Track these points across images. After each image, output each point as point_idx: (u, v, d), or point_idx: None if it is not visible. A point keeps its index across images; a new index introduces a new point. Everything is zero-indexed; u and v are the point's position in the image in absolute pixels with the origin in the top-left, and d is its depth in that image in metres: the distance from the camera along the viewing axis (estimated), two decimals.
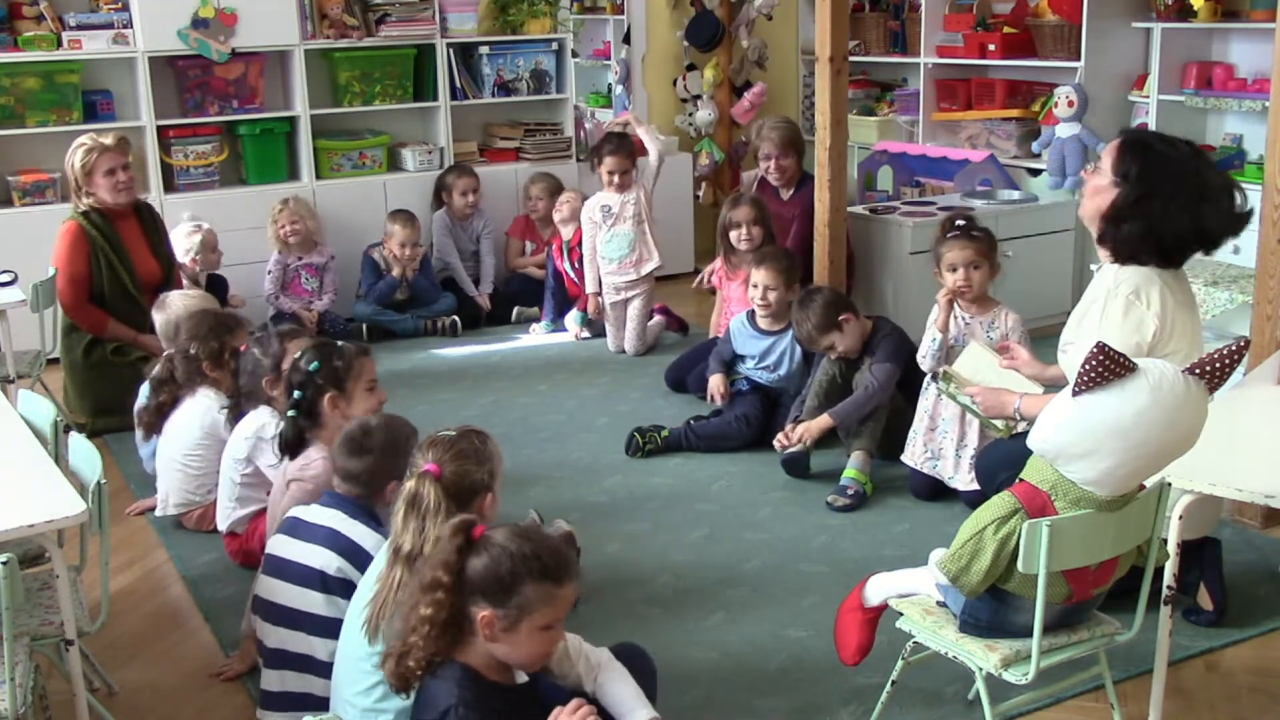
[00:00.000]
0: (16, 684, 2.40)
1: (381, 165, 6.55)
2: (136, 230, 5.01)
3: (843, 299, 4.41)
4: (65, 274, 4.82)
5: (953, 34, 6.93)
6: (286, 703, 2.79)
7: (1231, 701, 2.91)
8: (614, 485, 4.28)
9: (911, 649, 2.66)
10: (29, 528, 2.45)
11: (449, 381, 5.48)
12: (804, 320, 4.30)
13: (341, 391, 3.28)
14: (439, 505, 2.39)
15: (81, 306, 4.85)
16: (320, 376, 3.26)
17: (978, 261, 3.91)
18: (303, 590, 2.76)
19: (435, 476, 2.44)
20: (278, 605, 2.81)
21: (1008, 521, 2.35)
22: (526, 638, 2.14)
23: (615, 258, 5.77)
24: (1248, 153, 5.81)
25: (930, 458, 4.00)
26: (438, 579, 2.14)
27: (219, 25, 5.94)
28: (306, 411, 3.27)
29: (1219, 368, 2.27)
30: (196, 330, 3.98)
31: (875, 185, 6.89)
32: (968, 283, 3.91)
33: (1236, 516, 3.79)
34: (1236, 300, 4.37)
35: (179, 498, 3.93)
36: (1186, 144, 3.15)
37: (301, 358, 3.32)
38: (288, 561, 2.82)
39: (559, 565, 2.15)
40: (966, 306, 3.97)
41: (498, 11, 6.72)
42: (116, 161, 4.87)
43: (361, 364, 3.33)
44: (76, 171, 4.84)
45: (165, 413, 4.01)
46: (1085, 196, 3.22)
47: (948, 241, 3.94)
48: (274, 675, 2.82)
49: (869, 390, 4.17)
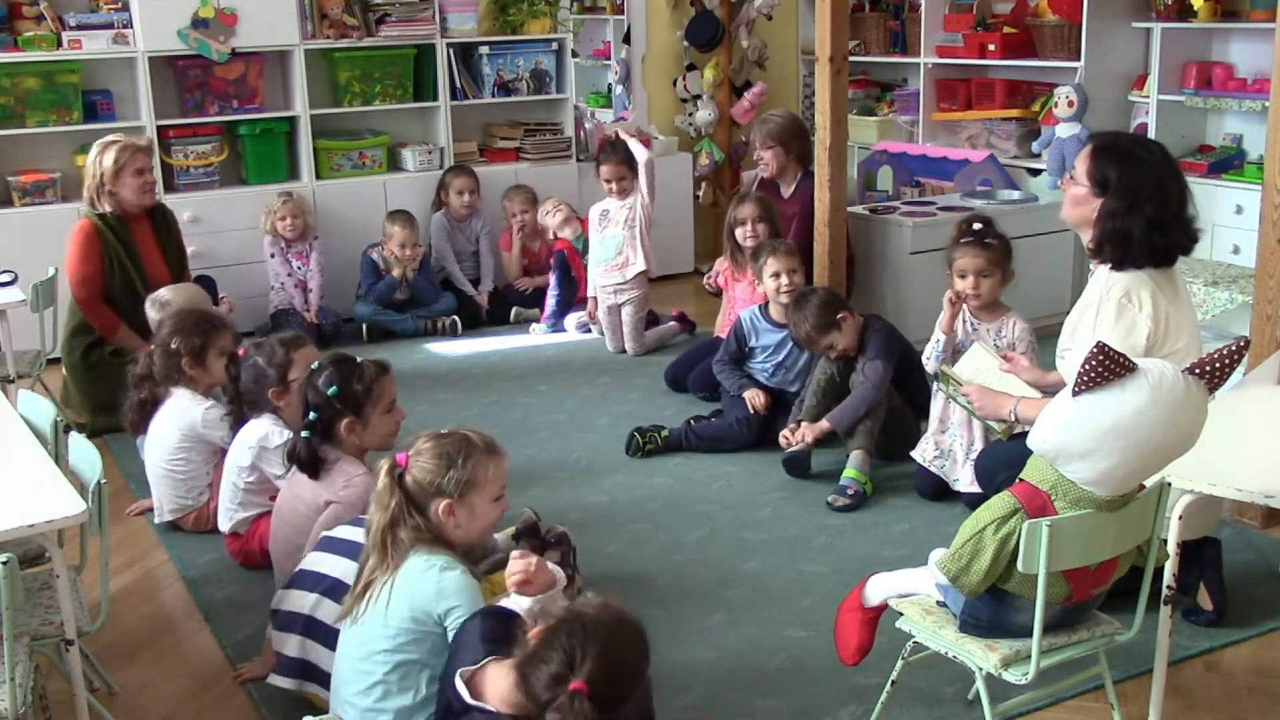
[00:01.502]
0: (16, 684, 2.40)
1: (381, 165, 6.55)
2: (149, 233, 5.00)
3: (838, 297, 4.41)
4: (79, 274, 4.81)
5: (953, 34, 6.94)
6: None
7: (1231, 701, 2.91)
8: (614, 485, 4.28)
9: (911, 649, 2.65)
10: (29, 528, 2.45)
11: (449, 381, 5.48)
12: (801, 322, 4.29)
13: (359, 416, 3.18)
14: (385, 489, 2.52)
15: (97, 307, 4.82)
16: (339, 401, 3.15)
17: (988, 270, 3.85)
18: (337, 607, 2.75)
19: (397, 466, 2.52)
20: (317, 621, 2.81)
21: (1008, 521, 2.35)
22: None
23: (602, 260, 5.81)
24: (1248, 153, 5.81)
25: (939, 457, 3.99)
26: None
27: (219, 25, 5.94)
28: (322, 433, 3.18)
29: (1219, 368, 2.27)
30: (180, 325, 3.94)
31: (875, 185, 6.89)
32: (976, 291, 3.86)
33: (1236, 516, 3.79)
34: (1236, 300, 4.37)
35: (171, 504, 3.93)
36: (1156, 144, 3.20)
37: (320, 377, 3.18)
38: (324, 576, 2.83)
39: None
40: (975, 311, 3.93)
41: (498, 11, 6.72)
42: (145, 163, 4.89)
43: (382, 386, 3.21)
44: (105, 169, 4.81)
45: (148, 410, 3.98)
46: (1066, 204, 3.25)
47: (960, 246, 3.88)
48: (289, 683, 2.85)
49: (863, 390, 4.17)
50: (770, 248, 4.70)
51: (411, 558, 2.47)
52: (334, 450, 3.20)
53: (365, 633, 2.48)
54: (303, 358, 3.59)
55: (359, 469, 3.18)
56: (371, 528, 2.53)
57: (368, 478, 3.12)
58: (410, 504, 2.50)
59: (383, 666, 2.45)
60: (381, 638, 2.46)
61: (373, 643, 2.47)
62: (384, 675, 2.46)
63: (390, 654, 2.45)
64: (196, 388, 3.91)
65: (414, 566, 2.47)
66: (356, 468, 3.18)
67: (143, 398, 4.01)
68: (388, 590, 2.46)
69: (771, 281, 4.61)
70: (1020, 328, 3.90)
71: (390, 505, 2.50)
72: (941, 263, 3.88)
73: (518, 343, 6.06)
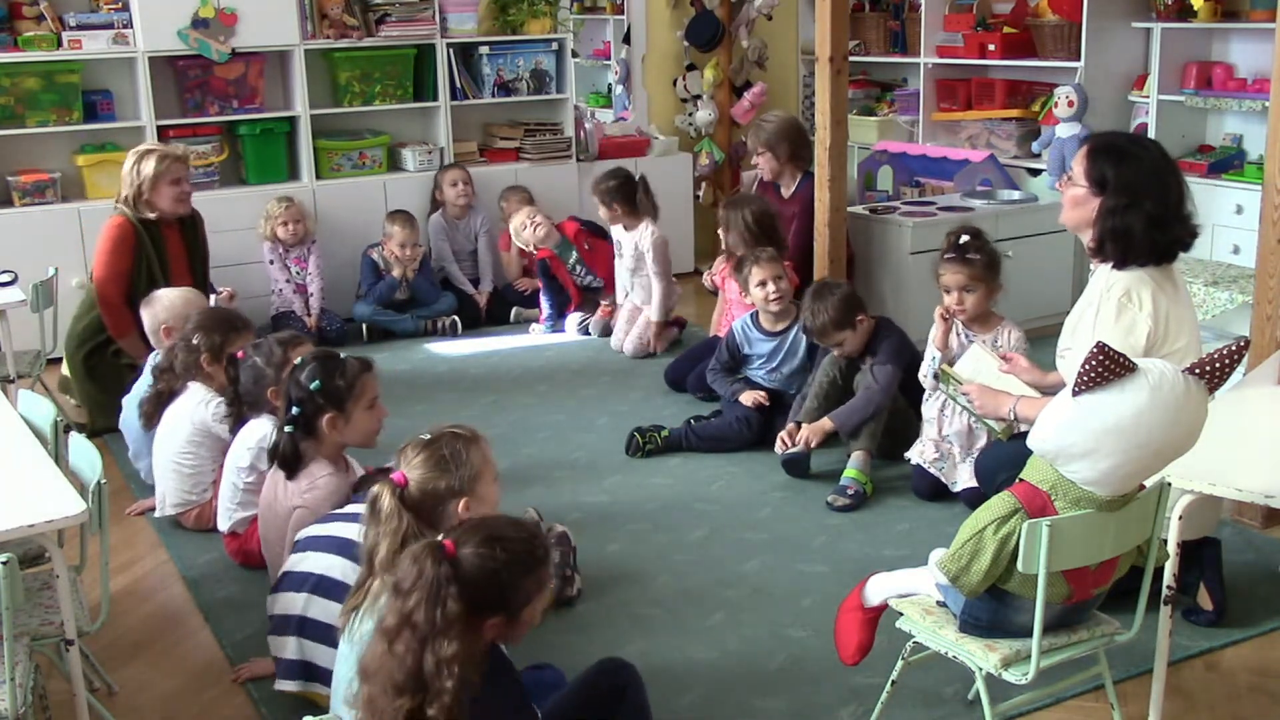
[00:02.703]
0: (16, 684, 2.40)
1: (381, 165, 6.55)
2: (178, 240, 5.00)
3: (858, 299, 4.36)
4: (110, 269, 4.78)
5: (953, 34, 6.94)
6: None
7: (1231, 701, 2.91)
8: (614, 485, 4.28)
9: (911, 649, 2.65)
10: (29, 528, 2.45)
11: (449, 381, 5.48)
12: (820, 312, 4.25)
13: (341, 411, 3.17)
14: (392, 513, 2.42)
15: (118, 306, 4.78)
16: (321, 395, 3.15)
17: (971, 285, 3.85)
18: (327, 603, 2.76)
19: (398, 485, 2.46)
20: (310, 620, 2.81)
21: (1007, 521, 2.35)
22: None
23: (623, 284, 5.95)
24: (1248, 153, 5.81)
25: (938, 458, 3.99)
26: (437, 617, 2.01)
27: (219, 25, 5.94)
28: (304, 427, 3.18)
29: (1219, 368, 2.27)
30: (204, 321, 3.98)
31: (875, 185, 6.89)
32: (962, 307, 3.87)
33: (1236, 516, 3.79)
34: (1236, 300, 4.37)
35: (176, 498, 3.93)
36: (1152, 142, 3.19)
37: (303, 372, 3.19)
38: (308, 575, 2.83)
39: (532, 552, 2.12)
40: (968, 323, 3.93)
41: (498, 11, 6.72)
42: (183, 173, 4.90)
43: (364, 382, 3.20)
44: (144, 178, 4.80)
45: (164, 402, 4.00)
46: (1066, 207, 3.24)
47: (945, 262, 3.89)
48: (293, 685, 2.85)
49: (870, 393, 4.16)
50: (753, 257, 4.69)
51: None
52: (314, 447, 3.20)
53: (365, 636, 2.47)
54: (300, 356, 3.60)
55: (325, 470, 3.16)
56: (377, 553, 2.41)
57: (331, 479, 3.13)
58: (417, 519, 2.46)
59: None
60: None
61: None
62: None
63: None
64: (211, 384, 3.92)
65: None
66: (324, 469, 3.17)
67: (160, 389, 4.02)
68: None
69: (758, 291, 4.61)
70: (1015, 336, 3.89)
71: (402, 528, 2.40)
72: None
73: (518, 343, 6.07)
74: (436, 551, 2.03)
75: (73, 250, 5.67)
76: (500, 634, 2.11)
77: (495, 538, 2.08)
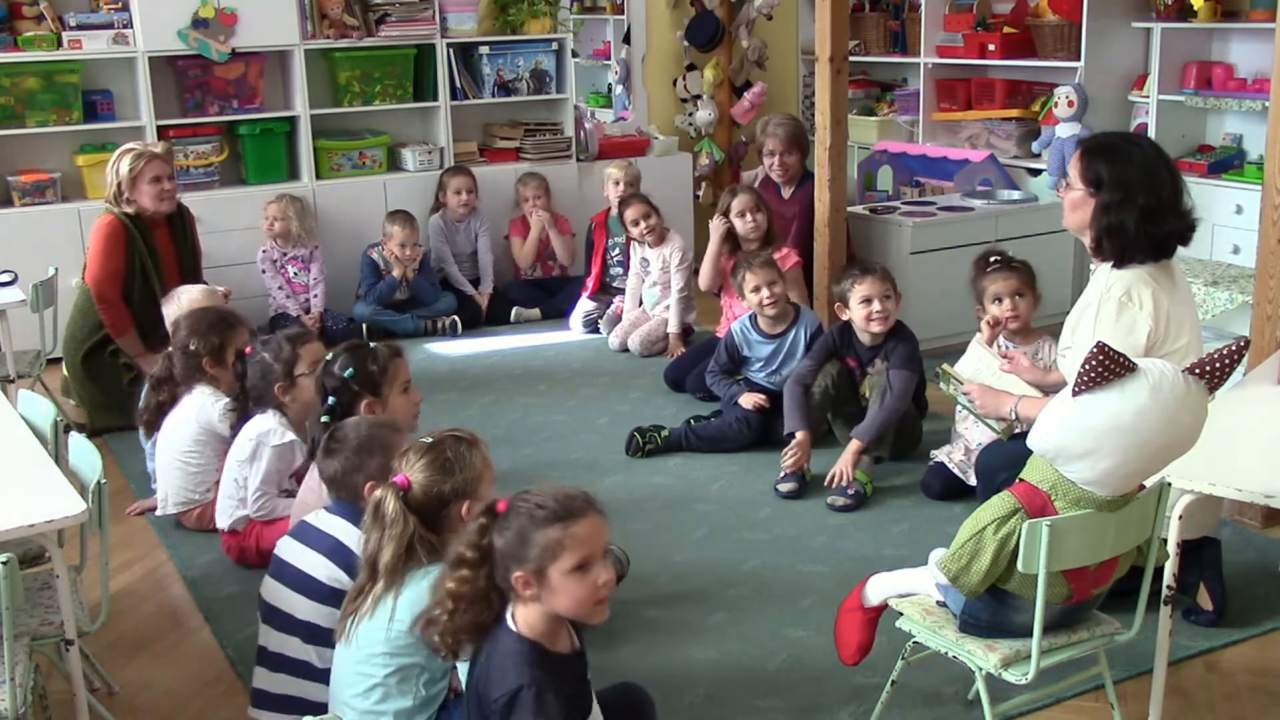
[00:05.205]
0: (16, 684, 2.40)
1: (381, 165, 6.55)
2: (166, 236, 5.00)
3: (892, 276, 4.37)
4: (104, 269, 4.79)
5: (953, 34, 6.94)
6: (280, 704, 2.78)
7: (1231, 701, 2.91)
8: (614, 485, 4.28)
9: (911, 649, 2.66)
10: (29, 528, 2.45)
11: (449, 381, 5.48)
12: (872, 267, 4.27)
13: (378, 396, 3.26)
14: (398, 517, 2.42)
15: (115, 304, 4.80)
16: (356, 382, 3.24)
17: (1022, 290, 3.86)
18: (303, 598, 2.74)
19: (401, 488, 2.46)
20: (280, 611, 2.80)
21: (1008, 521, 2.35)
22: (561, 584, 2.10)
23: (646, 299, 5.94)
24: (1248, 153, 5.82)
25: (964, 460, 3.98)
26: (462, 555, 2.16)
27: (219, 25, 5.94)
28: (342, 417, 3.18)
29: (1219, 368, 2.27)
30: (196, 326, 3.96)
31: (875, 185, 6.89)
32: (1015, 312, 3.84)
33: (1236, 516, 3.79)
34: (1236, 300, 4.37)
35: (179, 496, 3.93)
36: (1145, 138, 3.20)
37: (336, 363, 3.29)
38: (290, 566, 2.82)
39: (563, 506, 2.15)
40: (1010, 336, 3.89)
41: (498, 11, 6.72)
42: (163, 170, 4.87)
43: (396, 366, 3.32)
44: (122, 177, 4.81)
45: (165, 411, 4.00)
46: (1066, 210, 3.25)
47: (989, 275, 3.88)
48: (269, 676, 2.82)
49: (890, 402, 4.13)
50: (746, 262, 4.69)
51: (416, 570, 2.46)
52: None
53: (364, 637, 2.48)
54: (309, 353, 3.64)
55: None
56: (380, 557, 2.43)
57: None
58: (421, 523, 2.46)
59: (382, 669, 2.45)
60: (382, 641, 2.45)
61: (372, 645, 2.46)
62: (384, 678, 2.45)
63: (390, 657, 2.44)
64: (219, 386, 3.92)
65: (417, 575, 2.46)
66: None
67: (161, 400, 4.02)
68: (391, 601, 2.45)
69: (753, 295, 4.61)
70: (1056, 350, 3.87)
71: (407, 532, 2.42)
72: (942, 263, 3.89)
73: (518, 343, 6.07)
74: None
75: (73, 250, 5.66)
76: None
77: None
